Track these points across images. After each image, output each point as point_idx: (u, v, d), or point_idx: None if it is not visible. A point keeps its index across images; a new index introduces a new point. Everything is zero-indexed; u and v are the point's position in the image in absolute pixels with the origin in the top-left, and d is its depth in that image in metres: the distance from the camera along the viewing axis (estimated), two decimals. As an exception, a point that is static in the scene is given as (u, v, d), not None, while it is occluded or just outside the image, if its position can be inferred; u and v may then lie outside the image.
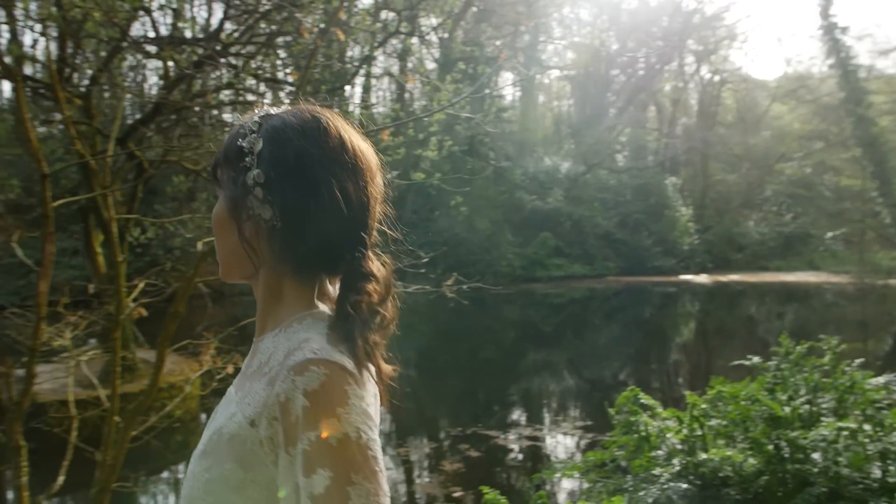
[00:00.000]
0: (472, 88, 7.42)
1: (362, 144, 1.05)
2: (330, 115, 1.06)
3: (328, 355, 0.90)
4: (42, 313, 3.25)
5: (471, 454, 9.05)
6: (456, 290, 4.37)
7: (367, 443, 0.86)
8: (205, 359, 5.39)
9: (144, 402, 3.57)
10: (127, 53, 9.93)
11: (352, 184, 1.00)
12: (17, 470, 3.33)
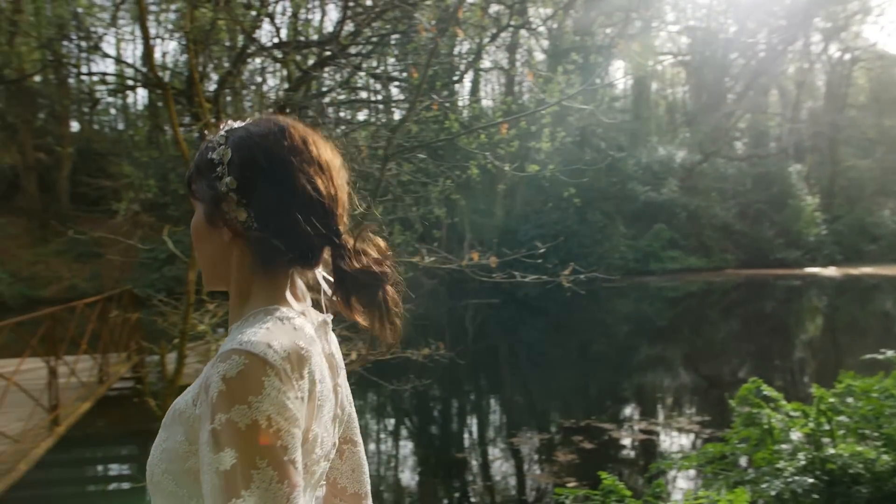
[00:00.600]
0: (583, 80, 7.40)
1: (324, 143, 1.10)
2: (290, 120, 1.10)
3: (252, 347, 0.92)
4: (191, 300, 3.56)
5: (584, 446, 9.04)
6: (571, 281, 4.40)
7: (276, 432, 0.89)
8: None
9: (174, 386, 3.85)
10: (253, 58, 10.50)
11: (320, 178, 1.04)
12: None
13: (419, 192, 13.27)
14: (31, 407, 6.06)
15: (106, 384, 8.19)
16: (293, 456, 0.91)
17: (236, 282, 1.08)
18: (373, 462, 9.37)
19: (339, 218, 1.07)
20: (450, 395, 13.26)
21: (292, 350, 0.95)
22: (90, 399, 7.47)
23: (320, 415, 1.01)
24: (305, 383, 0.95)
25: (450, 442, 10.46)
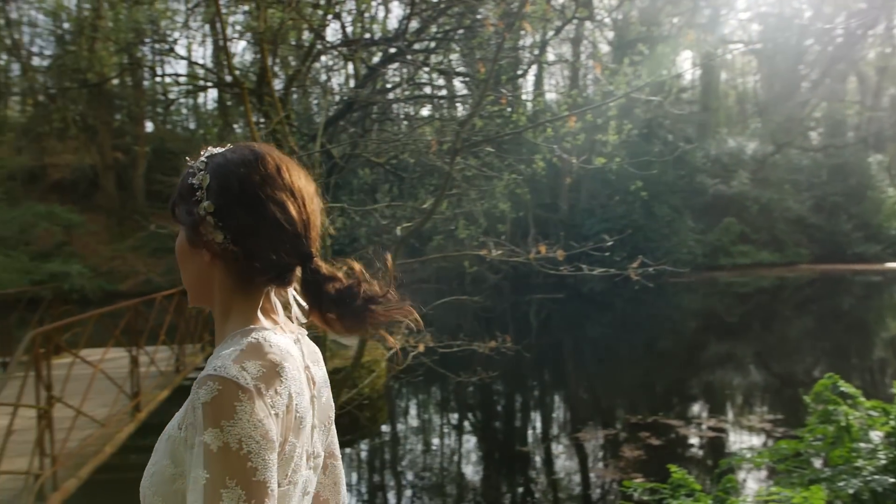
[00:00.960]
0: (650, 71, 7.28)
1: (298, 170, 1.16)
2: (267, 148, 1.17)
3: (225, 372, 0.98)
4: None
5: (651, 442, 8.92)
6: (640, 275, 4.37)
7: (247, 454, 0.95)
8: (396, 337, 5.79)
9: (352, 373, 3.94)
10: (321, 56, 10.70)
11: (291, 203, 1.10)
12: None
13: (484, 186, 13.30)
14: (114, 394, 6.36)
15: (182, 373, 8.52)
16: (263, 477, 0.96)
17: (218, 301, 1.14)
18: (436, 456, 9.45)
19: (311, 240, 1.13)
20: (513, 389, 13.27)
21: (268, 368, 1.01)
22: (168, 387, 7.79)
23: (300, 426, 1.06)
24: (282, 399, 1.02)
25: (513, 437, 10.46)
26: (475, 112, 4.28)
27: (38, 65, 32.05)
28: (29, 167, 29.47)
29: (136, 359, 6.63)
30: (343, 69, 21.64)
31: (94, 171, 29.96)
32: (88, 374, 5.98)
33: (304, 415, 1.07)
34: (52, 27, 32.04)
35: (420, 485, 8.28)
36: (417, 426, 11.09)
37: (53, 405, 4.77)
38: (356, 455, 9.45)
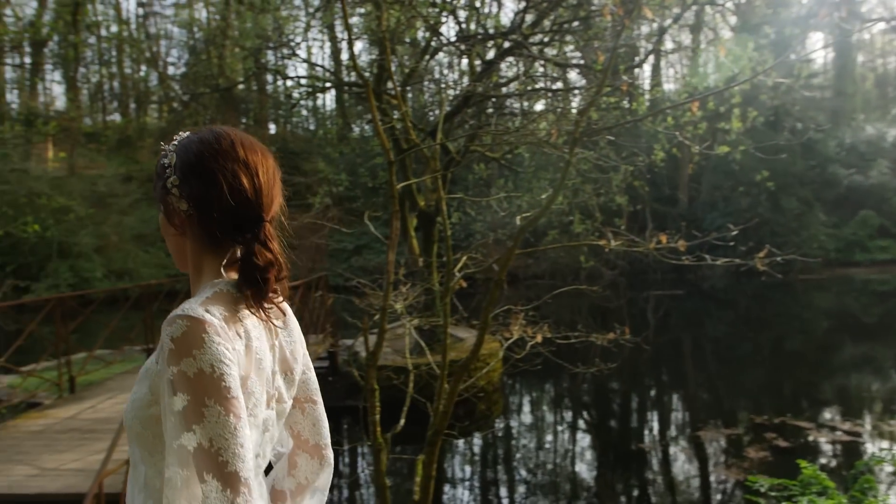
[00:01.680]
0: (776, 55, 6.94)
1: (255, 147, 1.28)
2: (228, 128, 1.30)
3: (191, 311, 1.13)
4: (390, 279, 3.82)
5: (778, 444, 8.52)
6: (766, 265, 4.18)
7: (220, 376, 1.09)
8: (514, 328, 5.83)
9: (471, 359, 4.02)
10: (438, 53, 10.86)
11: (243, 173, 1.24)
12: (372, 408, 3.99)
13: (599, 180, 13.09)
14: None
15: (307, 362, 8.92)
16: (236, 394, 1.10)
17: (191, 264, 1.31)
18: (550, 452, 9.40)
19: (262, 206, 1.26)
20: (630, 388, 13.00)
21: (229, 312, 1.18)
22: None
23: (260, 367, 1.21)
24: (241, 339, 1.18)
25: (629, 435, 10.25)
26: (595, 98, 4.23)
27: (174, 74, 34.32)
28: (166, 169, 31.54)
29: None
30: (458, 66, 21.90)
31: (223, 172, 31.66)
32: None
33: (263, 357, 1.22)
34: (186, 38, 34.23)
35: (533, 481, 8.25)
36: (532, 421, 11.07)
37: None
38: (469, 448, 9.55)
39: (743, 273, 26.38)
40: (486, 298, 3.98)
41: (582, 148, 10.57)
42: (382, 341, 3.98)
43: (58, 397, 7.56)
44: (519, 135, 6.47)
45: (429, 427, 4.08)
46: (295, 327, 1.39)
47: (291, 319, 1.39)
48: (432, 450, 4.03)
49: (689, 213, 28.11)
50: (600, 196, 13.98)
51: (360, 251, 28.35)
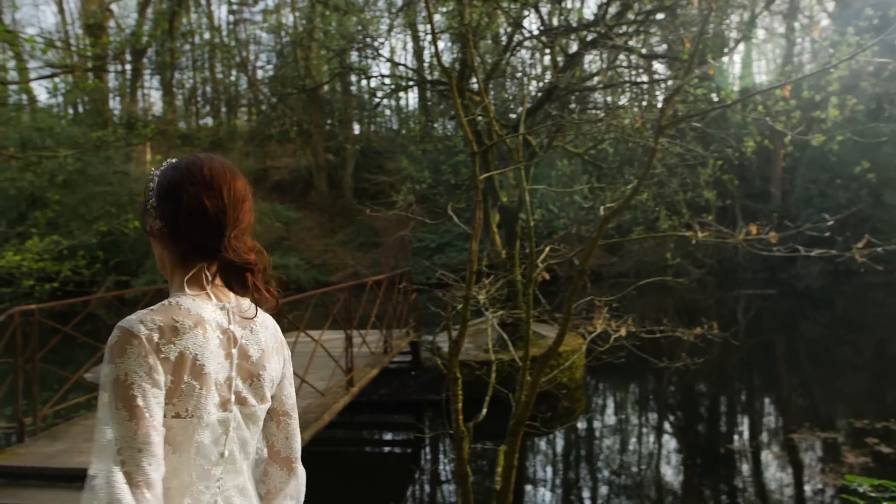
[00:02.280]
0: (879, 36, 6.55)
1: (224, 171, 1.45)
2: (205, 155, 1.48)
3: (127, 324, 1.31)
4: (473, 268, 3.83)
5: (880, 449, 8.07)
6: (865, 257, 3.96)
7: (130, 384, 1.26)
8: (597, 322, 5.74)
9: (554, 349, 3.98)
10: (520, 47, 10.81)
11: (206, 195, 1.40)
12: (454, 397, 4.00)
13: (686, 174, 12.73)
14: (331, 369, 6.90)
15: (390, 355, 9.04)
16: (143, 403, 1.26)
17: (168, 275, 1.49)
18: (634, 454, 9.16)
19: (226, 224, 1.42)
20: (718, 390, 12.57)
21: (165, 324, 1.32)
22: (377, 366, 8.31)
23: (201, 372, 1.34)
24: (175, 347, 1.32)
25: (717, 438, 9.88)
26: (682, 84, 4.10)
27: (262, 77, 35.46)
28: (254, 170, 32.68)
29: (350, 338, 7.15)
30: (540, 62, 21.72)
31: (308, 171, 32.61)
32: (309, 351, 6.56)
33: (206, 363, 1.35)
34: (274, 43, 35.30)
35: (616, 482, 8.06)
36: (615, 420, 10.85)
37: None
38: (551, 445, 9.45)
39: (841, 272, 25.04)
40: (569, 289, 3.93)
41: (668, 139, 10.31)
42: (465, 331, 3.99)
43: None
44: (605, 121, 6.36)
45: (511, 417, 4.07)
46: (268, 339, 1.51)
47: (266, 332, 1.51)
48: (514, 440, 4.01)
49: (782, 208, 26.94)
50: (687, 192, 13.61)
51: (443, 249, 28.57)
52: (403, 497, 7.57)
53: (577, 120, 8.52)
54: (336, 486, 7.63)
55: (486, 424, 4.90)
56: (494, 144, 7.44)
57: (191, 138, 32.49)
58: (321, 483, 7.78)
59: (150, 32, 29.06)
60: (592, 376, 12.60)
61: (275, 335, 1.54)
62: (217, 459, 1.41)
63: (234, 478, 1.44)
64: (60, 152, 9.54)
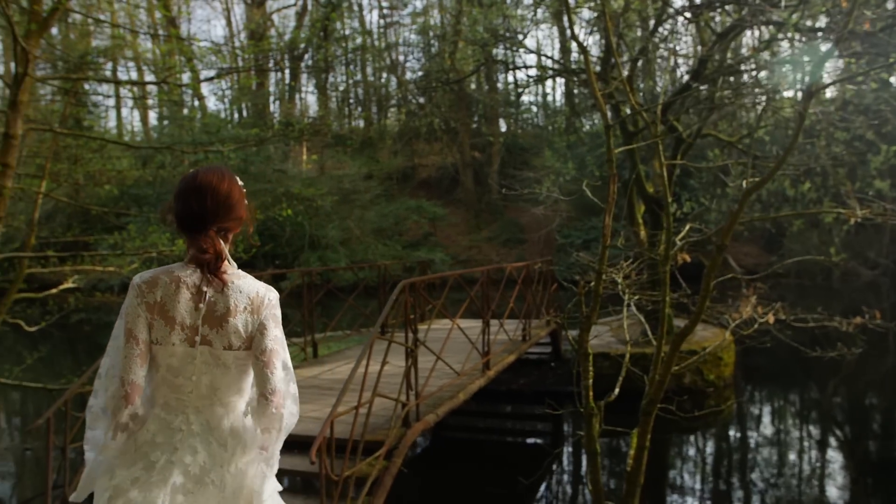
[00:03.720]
0: None
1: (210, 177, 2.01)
2: (205, 167, 2.05)
3: (135, 277, 2.00)
4: (606, 242, 3.74)
5: None
6: None
7: (126, 315, 1.96)
8: (744, 310, 5.41)
9: (691, 327, 3.81)
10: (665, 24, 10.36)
11: (193, 196, 1.98)
12: (585, 373, 3.93)
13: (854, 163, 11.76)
14: (469, 352, 6.96)
15: (528, 343, 9.00)
16: (132, 327, 1.94)
17: None
18: (790, 466, 8.31)
19: (206, 220, 1.97)
20: (892, 403, 11.39)
21: (151, 279, 1.97)
22: (514, 353, 8.29)
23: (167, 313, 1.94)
24: (155, 295, 1.95)
25: (892, 455, 8.88)
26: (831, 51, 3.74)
27: (411, 78, 36.47)
28: (402, 168, 33.70)
29: (487, 322, 7.19)
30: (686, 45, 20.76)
31: (455, 168, 33.16)
32: (446, 335, 6.70)
33: (171, 308, 1.94)
34: (422, 44, 36.20)
35: (770, 492, 7.36)
36: (768, 425, 10.10)
37: (418, 347, 5.42)
38: (697, 444, 9.00)
39: None
40: (708, 265, 3.73)
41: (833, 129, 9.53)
42: (597, 306, 3.90)
43: (303, 360, 8.41)
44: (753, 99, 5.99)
45: (644, 396, 3.92)
46: (239, 301, 1.97)
47: (239, 296, 1.98)
48: (647, 420, 3.87)
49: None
50: (855, 182, 12.54)
51: (589, 245, 28.06)
52: (538, 484, 7.51)
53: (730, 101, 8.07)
54: (473, 472, 7.71)
55: (628, 420, 4.72)
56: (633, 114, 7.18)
57: (343, 138, 33.98)
58: (460, 469, 7.89)
59: (306, 38, 30.74)
60: (745, 377, 11.90)
61: (251, 299, 1.99)
62: (185, 382, 1.96)
63: (205, 405, 1.98)
64: (225, 146, 10.29)
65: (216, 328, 1.94)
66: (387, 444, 4.72)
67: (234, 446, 1.96)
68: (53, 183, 10.33)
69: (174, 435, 1.93)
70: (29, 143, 12.03)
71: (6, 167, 7.88)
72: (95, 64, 10.48)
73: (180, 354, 1.93)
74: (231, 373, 1.97)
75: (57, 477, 4.70)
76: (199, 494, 1.89)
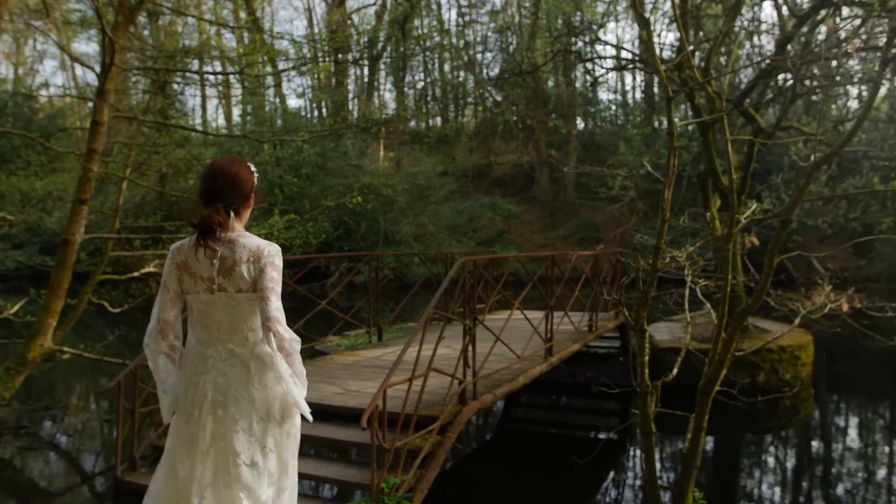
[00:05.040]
0: None
1: (224, 166, 2.56)
2: (221, 158, 2.63)
3: (171, 246, 2.60)
4: (666, 216, 3.64)
5: None
6: None
7: (163, 275, 2.57)
8: (816, 297, 5.18)
9: (754, 304, 3.67)
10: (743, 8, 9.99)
11: (206, 182, 2.53)
12: (641, 349, 3.84)
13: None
14: (532, 339, 6.90)
15: (595, 333, 8.85)
16: (167, 284, 2.54)
17: None
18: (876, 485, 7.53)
19: (211, 197, 2.49)
20: None
21: (179, 245, 2.56)
22: (579, 342, 8.18)
23: (190, 269, 2.51)
24: (180, 256, 2.53)
25: None
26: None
27: (487, 75, 36.45)
28: (478, 165, 33.73)
29: (551, 307, 7.12)
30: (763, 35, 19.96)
31: (530, 166, 32.97)
32: (511, 322, 6.68)
33: (192, 265, 2.50)
34: (500, 43, 36.16)
35: None
36: (850, 432, 9.47)
37: (476, 325, 5.41)
38: (770, 450, 8.57)
39: None
40: (772, 241, 3.59)
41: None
42: (654, 281, 3.81)
43: (367, 342, 8.55)
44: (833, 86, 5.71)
45: (702, 377, 3.80)
46: (243, 254, 2.48)
47: (243, 250, 2.49)
48: (704, 400, 3.74)
49: None
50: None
51: (668, 245, 27.40)
52: (603, 475, 7.39)
53: (811, 90, 7.71)
54: (538, 464, 7.65)
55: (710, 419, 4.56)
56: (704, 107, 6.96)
57: (420, 135, 34.28)
58: (524, 460, 7.83)
59: (385, 36, 31.18)
60: (826, 381, 11.36)
61: (252, 252, 2.49)
62: (211, 322, 2.53)
63: (234, 337, 2.53)
64: (298, 135, 10.55)
65: (227, 277, 2.48)
66: (441, 419, 4.74)
67: (256, 367, 2.49)
68: (136, 172, 10.81)
69: (207, 362, 2.51)
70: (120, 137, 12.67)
71: (93, 152, 8.33)
72: (181, 57, 10.92)
73: (205, 300, 2.51)
74: (245, 310, 2.51)
75: (128, 437, 4.93)
76: (232, 406, 2.44)
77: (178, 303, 2.56)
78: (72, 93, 29.84)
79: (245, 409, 2.43)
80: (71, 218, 8.30)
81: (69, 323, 8.86)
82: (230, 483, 2.38)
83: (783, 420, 9.30)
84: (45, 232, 24.78)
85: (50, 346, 8.11)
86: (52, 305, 8.13)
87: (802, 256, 4.52)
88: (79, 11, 20.78)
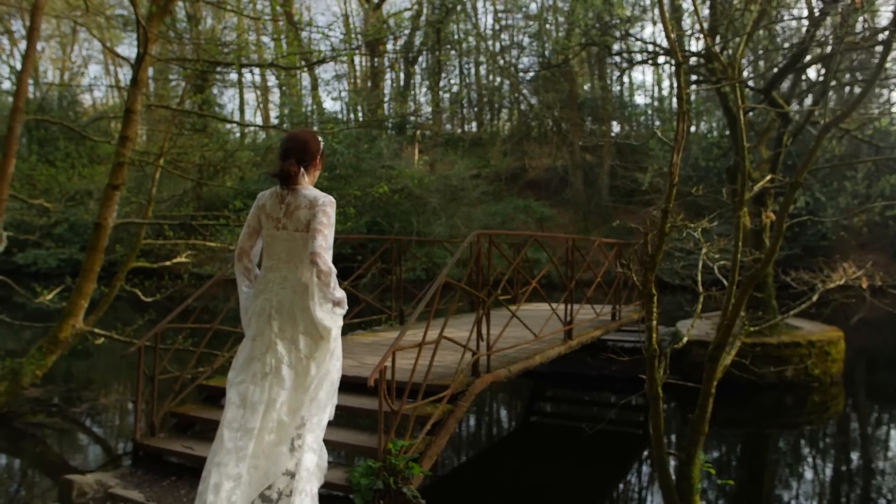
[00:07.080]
0: None
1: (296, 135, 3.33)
2: (298, 129, 3.74)
3: None
4: (674, 181, 3.64)
5: None
6: None
7: (249, 214, 3.35)
8: (836, 276, 5.10)
9: (766, 264, 3.64)
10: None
11: (283, 145, 3.28)
12: (649, 314, 3.83)
13: None
14: (550, 317, 6.88)
15: (617, 322, 8.81)
16: (250, 222, 3.31)
17: None
18: None
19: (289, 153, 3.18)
20: None
21: (262, 193, 3.31)
22: (601, 329, 8.15)
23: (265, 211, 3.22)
24: (260, 200, 3.28)
25: None
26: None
27: (523, 79, 36.42)
28: (512, 168, 33.69)
29: (571, 290, 7.10)
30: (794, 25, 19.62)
31: (564, 170, 32.81)
32: (530, 310, 6.68)
33: (267, 206, 3.21)
34: (536, 47, 36.12)
35: None
36: (883, 432, 9.15)
37: (490, 299, 5.44)
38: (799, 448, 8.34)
39: None
40: (782, 202, 3.56)
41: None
42: (662, 245, 3.80)
43: (388, 324, 8.63)
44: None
45: (710, 344, 3.77)
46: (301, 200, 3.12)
47: (302, 198, 3.12)
48: (713, 366, 3.72)
49: None
50: None
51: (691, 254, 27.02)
52: (628, 467, 7.34)
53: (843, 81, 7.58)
54: (563, 456, 7.62)
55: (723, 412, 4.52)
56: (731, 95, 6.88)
57: (455, 139, 34.39)
58: (548, 452, 7.81)
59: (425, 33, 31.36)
60: (858, 378, 11.08)
61: (309, 200, 3.10)
62: (274, 252, 3.19)
63: (288, 266, 3.15)
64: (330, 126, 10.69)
65: (289, 218, 3.12)
66: (451, 387, 4.77)
67: (302, 292, 3.08)
68: (171, 163, 11.06)
69: (269, 284, 3.17)
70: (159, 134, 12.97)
71: (126, 139, 8.56)
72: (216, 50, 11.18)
73: (271, 235, 3.18)
74: (298, 246, 3.11)
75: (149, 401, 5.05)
76: (283, 320, 3.07)
77: (255, 236, 3.28)
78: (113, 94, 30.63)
79: (291, 324, 3.06)
80: (104, 203, 8.53)
81: (102, 307, 9.10)
82: (277, 380, 3.00)
83: (812, 416, 9.11)
84: (85, 231, 25.46)
85: (81, 326, 8.34)
86: (84, 288, 8.36)
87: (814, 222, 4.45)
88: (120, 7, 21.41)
